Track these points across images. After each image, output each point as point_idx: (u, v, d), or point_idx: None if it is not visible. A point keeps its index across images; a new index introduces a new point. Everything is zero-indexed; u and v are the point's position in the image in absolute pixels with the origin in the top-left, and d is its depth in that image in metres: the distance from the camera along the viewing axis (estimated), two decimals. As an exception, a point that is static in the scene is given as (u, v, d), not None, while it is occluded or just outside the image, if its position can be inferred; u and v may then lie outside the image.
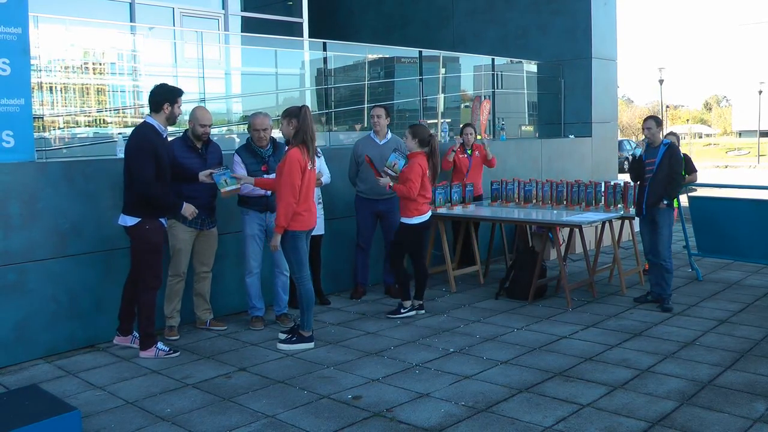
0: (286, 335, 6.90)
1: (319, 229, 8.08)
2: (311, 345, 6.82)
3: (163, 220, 6.56)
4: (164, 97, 6.42)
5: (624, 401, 5.34)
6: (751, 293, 8.71)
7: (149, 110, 6.48)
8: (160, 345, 6.63)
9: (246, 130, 7.75)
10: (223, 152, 7.37)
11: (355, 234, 8.70)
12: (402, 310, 7.84)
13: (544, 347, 6.72)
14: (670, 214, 8.06)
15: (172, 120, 6.51)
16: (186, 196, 6.85)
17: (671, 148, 7.97)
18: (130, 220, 6.39)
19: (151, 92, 6.48)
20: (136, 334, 6.81)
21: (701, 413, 5.10)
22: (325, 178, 7.93)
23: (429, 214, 7.88)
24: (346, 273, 8.92)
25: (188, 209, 6.57)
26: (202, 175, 6.82)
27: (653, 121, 8.08)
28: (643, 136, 8.07)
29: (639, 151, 8.07)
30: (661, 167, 7.88)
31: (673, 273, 8.23)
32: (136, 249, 6.49)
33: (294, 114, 6.68)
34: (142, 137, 6.32)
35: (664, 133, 8.78)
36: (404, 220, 7.75)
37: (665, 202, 7.92)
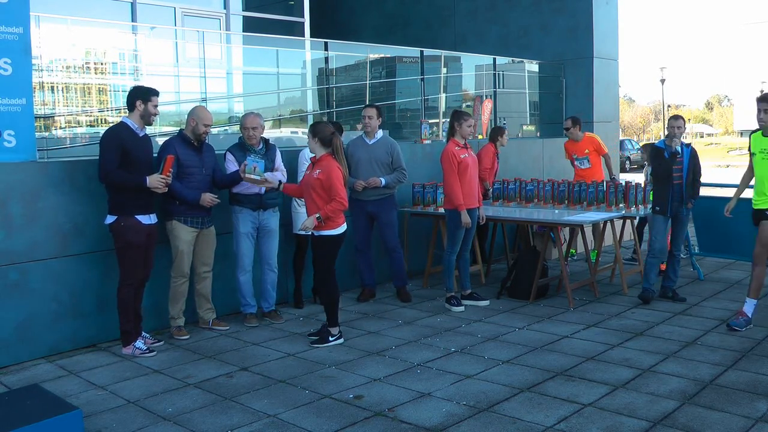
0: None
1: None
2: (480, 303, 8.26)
3: (142, 218, 6.55)
4: (136, 95, 6.52)
5: (626, 401, 5.34)
6: (752, 293, 8.70)
7: (128, 111, 6.58)
8: (137, 343, 6.67)
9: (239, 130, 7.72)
10: (216, 152, 7.43)
11: (352, 235, 8.66)
12: (330, 338, 6.95)
13: (546, 347, 6.72)
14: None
15: (147, 119, 6.57)
16: (190, 203, 6.92)
17: (694, 150, 8.32)
18: (109, 218, 6.49)
19: (128, 93, 6.60)
20: (145, 334, 6.88)
21: (703, 413, 5.09)
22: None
23: (345, 225, 7.00)
24: (345, 273, 8.85)
25: (153, 182, 6.48)
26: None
27: (683, 119, 8.37)
28: (673, 135, 8.14)
29: (679, 149, 8.08)
30: (689, 169, 8.18)
31: None
32: (115, 246, 6.57)
33: None
34: (110, 133, 6.47)
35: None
36: (326, 232, 6.80)
37: (692, 201, 8.32)
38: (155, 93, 6.59)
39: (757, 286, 7.23)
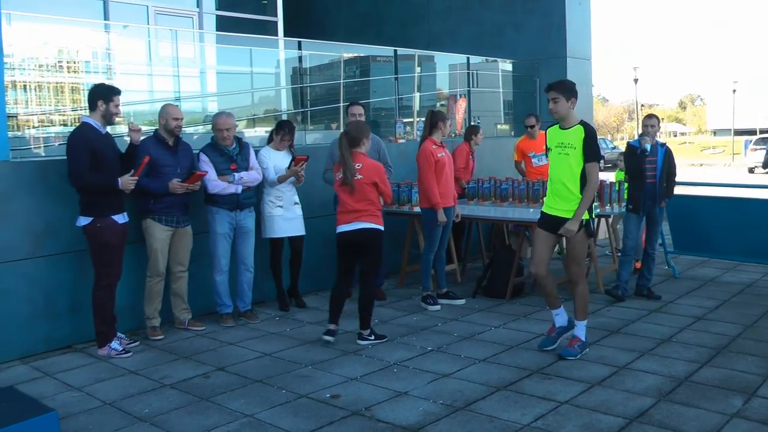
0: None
1: (298, 230, 8.07)
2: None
3: (117, 218, 6.51)
4: (98, 94, 6.44)
5: (602, 398, 5.37)
6: (726, 290, 8.79)
7: (89, 110, 6.51)
8: (113, 344, 6.62)
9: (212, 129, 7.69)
10: (193, 150, 7.39)
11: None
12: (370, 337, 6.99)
13: (522, 345, 6.75)
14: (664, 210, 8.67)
15: (108, 118, 6.49)
16: (161, 194, 6.86)
17: (669, 149, 8.44)
18: (83, 220, 6.43)
19: (89, 91, 6.53)
20: (121, 335, 6.82)
21: (678, 409, 5.13)
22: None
23: (341, 228, 6.97)
24: (323, 272, 8.85)
25: (125, 183, 6.43)
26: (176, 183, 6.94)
27: (657, 119, 8.52)
28: (646, 133, 8.30)
29: (648, 147, 8.17)
30: (663, 168, 8.28)
31: None
32: (90, 248, 6.50)
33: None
34: (75, 135, 6.38)
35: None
36: None
37: (666, 200, 8.43)
38: (117, 92, 6.51)
39: (584, 305, 6.48)
